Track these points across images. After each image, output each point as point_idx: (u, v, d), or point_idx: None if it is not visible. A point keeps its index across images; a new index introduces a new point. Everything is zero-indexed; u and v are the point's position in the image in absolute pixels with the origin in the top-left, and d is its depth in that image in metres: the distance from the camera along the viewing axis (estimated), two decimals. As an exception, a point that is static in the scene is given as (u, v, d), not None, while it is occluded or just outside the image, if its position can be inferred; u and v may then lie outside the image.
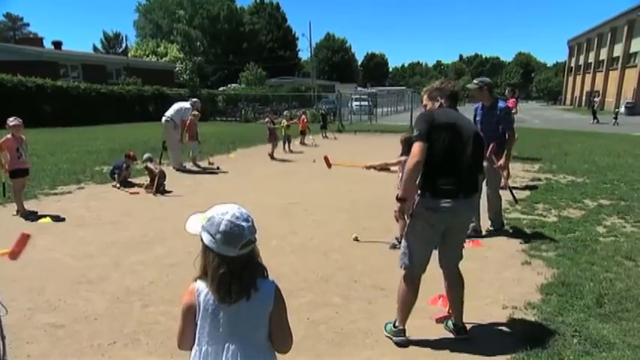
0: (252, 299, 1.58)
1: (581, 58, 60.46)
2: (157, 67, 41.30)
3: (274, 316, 1.65)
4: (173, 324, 3.24)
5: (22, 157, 6.51)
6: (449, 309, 3.48)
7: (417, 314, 3.67)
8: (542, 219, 6.46)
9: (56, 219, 6.41)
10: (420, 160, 2.92)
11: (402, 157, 4.89)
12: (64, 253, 5.04)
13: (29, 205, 6.87)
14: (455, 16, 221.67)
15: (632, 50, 43.58)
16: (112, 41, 62.76)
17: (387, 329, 3.35)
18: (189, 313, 1.62)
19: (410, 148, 3.07)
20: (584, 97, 54.76)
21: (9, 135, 6.34)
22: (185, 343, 1.67)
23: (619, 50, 46.16)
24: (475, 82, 5.89)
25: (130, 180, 8.85)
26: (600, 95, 37.89)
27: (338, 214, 6.82)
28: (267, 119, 14.46)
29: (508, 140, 5.81)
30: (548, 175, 9.86)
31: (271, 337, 1.68)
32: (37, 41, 39.22)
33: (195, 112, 11.22)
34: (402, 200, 3.03)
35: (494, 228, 5.94)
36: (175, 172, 10.29)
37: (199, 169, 10.95)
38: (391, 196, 3.42)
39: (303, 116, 17.90)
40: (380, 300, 3.93)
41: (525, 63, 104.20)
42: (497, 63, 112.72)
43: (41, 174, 9.37)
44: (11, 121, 6.36)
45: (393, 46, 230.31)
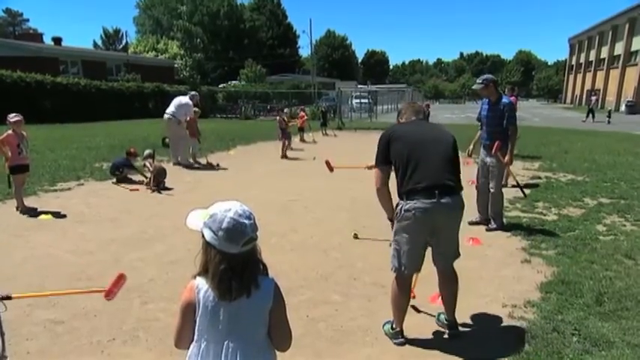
0: (253, 296, 1.57)
1: (582, 56, 60.35)
2: (157, 63, 41.20)
3: (274, 314, 1.65)
4: (172, 321, 3.22)
5: (22, 153, 6.51)
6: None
7: (417, 310, 3.69)
8: (542, 217, 6.46)
9: (56, 215, 6.40)
10: (380, 187, 3.22)
11: None
12: (63, 249, 5.04)
13: (29, 202, 6.86)
14: (455, 14, 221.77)
15: (633, 49, 43.50)
16: (112, 37, 62.72)
17: (385, 329, 3.36)
18: (188, 310, 1.61)
19: None
20: (584, 96, 54.65)
21: (10, 131, 6.34)
22: (183, 341, 1.66)
23: (620, 49, 46.08)
24: (479, 81, 5.90)
25: (130, 177, 8.83)
26: (597, 94, 37.81)
27: (338, 211, 6.82)
28: (279, 118, 13.88)
29: (510, 136, 5.84)
30: (548, 174, 9.85)
31: (271, 334, 1.68)
32: (37, 37, 39.21)
33: (196, 109, 11.22)
34: (391, 220, 3.31)
35: (494, 226, 5.94)
36: (175, 169, 10.29)
37: (199, 165, 10.95)
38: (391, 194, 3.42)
39: (302, 113, 17.83)
40: (380, 297, 3.92)
41: (526, 61, 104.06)
42: (497, 61, 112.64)
43: (41, 170, 9.36)
44: (12, 117, 6.35)
45: (393, 44, 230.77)
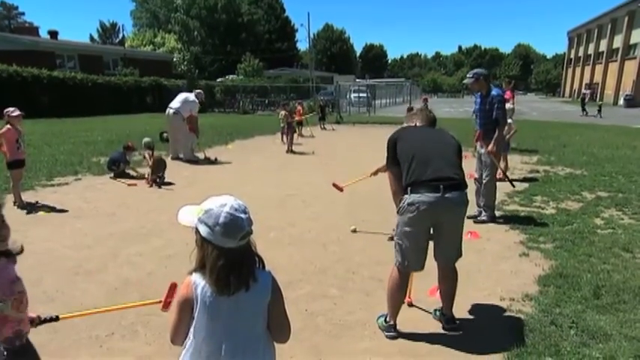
0: (251, 290, 1.57)
1: (581, 49, 60.29)
2: (154, 57, 41.06)
3: (272, 307, 1.65)
4: (171, 315, 3.24)
5: (20, 148, 6.49)
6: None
7: (416, 305, 3.71)
8: (541, 211, 6.47)
9: (54, 210, 6.39)
10: (395, 189, 3.28)
11: None
12: (61, 244, 5.03)
13: (26, 197, 6.84)
14: (454, 7, 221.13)
15: (632, 42, 43.48)
16: (108, 31, 62.36)
17: (378, 322, 3.37)
18: (186, 306, 1.60)
19: None
20: (582, 90, 54.73)
21: (8, 126, 6.30)
22: (180, 337, 1.66)
23: (619, 42, 46.05)
24: (469, 75, 6.10)
25: (128, 172, 8.81)
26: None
27: (336, 205, 6.82)
28: (284, 112, 13.59)
29: (498, 127, 5.87)
30: (546, 167, 9.87)
31: (270, 327, 1.68)
32: (33, 31, 38.92)
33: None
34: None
35: (484, 218, 5.97)
36: (173, 163, 10.26)
37: (195, 159, 10.91)
38: (389, 188, 3.43)
39: (299, 107, 17.71)
40: (378, 292, 3.92)
41: (524, 55, 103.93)
42: (496, 55, 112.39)
43: (38, 165, 9.34)
44: (13, 112, 6.31)
45: (391, 38, 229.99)
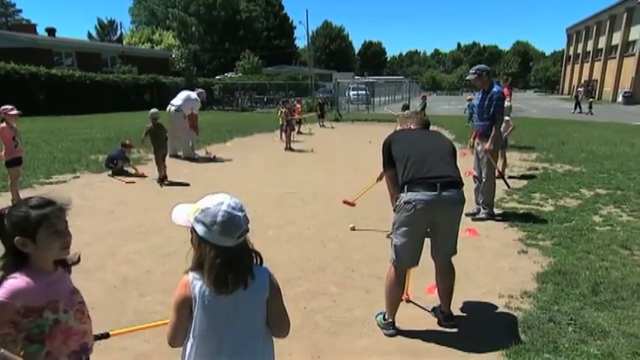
0: (249, 288, 1.57)
1: (580, 46, 60.27)
2: (152, 54, 40.92)
3: (271, 303, 1.66)
4: (170, 313, 3.24)
5: (17, 146, 6.47)
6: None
7: (414, 302, 3.71)
8: (539, 208, 6.48)
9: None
10: (392, 192, 3.29)
11: None
12: (59, 242, 5.02)
13: (24, 194, 6.82)
14: (453, 4, 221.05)
15: (631, 38, 43.47)
16: (106, 28, 62.03)
17: (377, 320, 3.38)
18: (184, 306, 1.59)
19: None
20: (577, 87, 54.76)
21: (4, 124, 6.28)
22: (179, 338, 1.64)
23: (618, 38, 46.04)
24: (472, 71, 6.02)
25: (126, 169, 8.80)
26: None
27: (335, 203, 6.81)
28: (285, 109, 13.56)
29: (495, 123, 5.86)
30: (545, 165, 9.88)
31: (269, 323, 1.69)
32: (31, 28, 38.70)
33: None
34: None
35: (482, 216, 5.98)
36: (172, 161, 10.24)
37: (194, 157, 10.90)
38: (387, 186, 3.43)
39: (297, 105, 17.67)
40: (377, 289, 3.93)
41: (523, 52, 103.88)
42: (495, 52, 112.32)
43: (36, 163, 9.33)
44: (10, 110, 6.28)
45: (390, 35, 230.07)
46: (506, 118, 8.17)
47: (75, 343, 1.67)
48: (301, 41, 79.88)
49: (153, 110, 8.75)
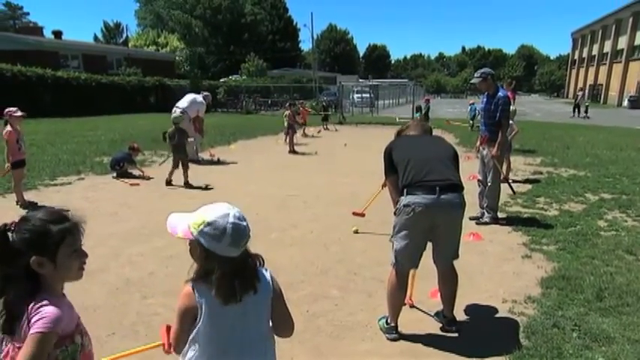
0: (258, 291, 1.58)
1: (585, 50, 60.10)
2: (157, 57, 41.10)
3: (276, 302, 1.67)
4: (172, 315, 3.22)
5: (21, 149, 6.51)
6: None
7: (417, 307, 3.69)
8: (544, 212, 6.45)
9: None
10: (394, 198, 3.29)
11: None
12: (63, 244, 5.03)
13: (29, 196, 6.86)
14: (458, 8, 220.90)
15: (637, 43, 43.33)
16: (112, 31, 62.34)
17: (380, 324, 3.36)
18: (188, 316, 1.58)
19: None
20: (586, 91, 54.55)
21: (9, 127, 6.31)
22: (183, 345, 1.63)
23: (623, 43, 45.88)
24: (477, 75, 5.98)
25: (131, 171, 8.82)
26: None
27: (338, 206, 6.81)
28: (289, 112, 13.54)
29: (502, 128, 5.82)
30: (549, 169, 9.83)
31: (273, 323, 1.70)
32: (37, 30, 38.99)
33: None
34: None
35: (486, 220, 5.95)
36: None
37: (198, 159, 10.92)
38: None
39: (303, 110, 17.61)
40: (379, 292, 3.91)
41: (528, 55, 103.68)
42: (500, 55, 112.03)
43: (41, 164, 9.36)
44: (14, 112, 6.32)
45: (395, 38, 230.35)
46: (510, 121, 8.14)
47: None
48: (306, 44, 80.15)
49: (175, 114, 8.78)
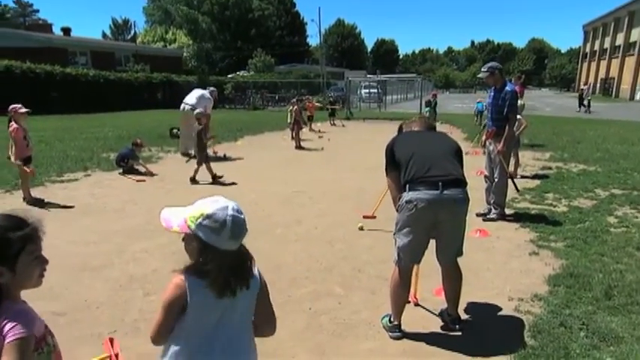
0: (249, 286, 1.58)
1: (597, 43, 59.22)
2: (165, 53, 41.21)
3: (262, 298, 1.67)
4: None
5: (29, 145, 6.54)
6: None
7: (421, 305, 3.64)
8: (552, 209, 6.35)
9: (62, 206, 6.42)
10: (395, 195, 3.24)
11: None
12: (67, 240, 5.04)
13: (36, 193, 6.89)
14: (467, 1, 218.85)
15: (649, 35, 42.63)
16: (120, 28, 62.74)
17: (383, 322, 3.31)
18: (175, 307, 1.54)
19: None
20: (598, 85, 53.78)
21: (14, 124, 6.33)
22: (164, 337, 1.60)
23: (636, 35, 45.15)
24: (484, 69, 5.89)
25: (137, 168, 8.84)
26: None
27: (343, 202, 6.77)
28: (296, 107, 13.54)
29: (508, 123, 5.72)
30: (559, 164, 9.70)
31: (257, 321, 1.70)
32: (47, 27, 39.30)
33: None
34: None
35: (493, 217, 5.88)
36: (175, 161, 10.29)
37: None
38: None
39: (309, 104, 17.51)
40: (383, 290, 3.85)
41: (539, 49, 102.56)
42: (509, 49, 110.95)
43: (49, 161, 9.41)
44: (19, 109, 6.34)
45: (403, 33, 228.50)
46: (518, 116, 8.02)
47: None
48: (313, 39, 79.68)
49: (199, 110, 8.78)
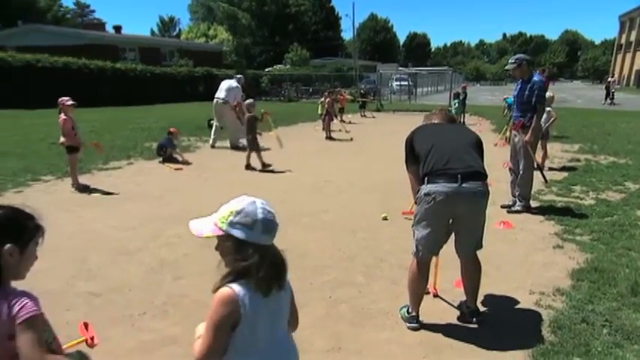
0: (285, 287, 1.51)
1: (633, 34, 55.93)
2: (206, 48, 41.61)
3: (291, 294, 1.59)
4: (201, 297, 3.23)
5: (77, 135, 6.71)
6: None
7: (441, 296, 3.51)
8: (579, 201, 6.03)
9: (106, 193, 6.57)
10: (415, 186, 3.08)
11: None
12: (109, 224, 5.14)
13: (83, 180, 7.07)
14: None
15: (688, 26, 39.91)
16: (167, 25, 63.80)
17: (401, 313, 3.20)
18: (229, 324, 1.38)
19: None
20: (632, 77, 50.93)
21: (63, 115, 6.50)
22: (216, 357, 1.40)
23: (673, 26, 42.41)
24: (512, 60, 5.62)
25: (175, 156, 8.95)
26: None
27: (370, 193, 6.64)
28: (329, 100, 13.32)
29: (536, 115, 5.43)
30: (588, 156, 9.22)
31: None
32: (100, 26, 40.44)
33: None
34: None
35: (517, 209, 5.61)
36: (212, 150, 10.40)
37: (238, 145, 10.93)
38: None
39: (340, 97, 17.28)
40: (404, 280, 3.68)
41: (572, 41, 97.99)
42: (541, 42, 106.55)
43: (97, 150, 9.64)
44: (67, 101, 6.50)
45: (435, 26, 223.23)
46: (548, 109, 7.64)
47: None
48: (347, 34, 78.42)
49: (249, 101, 8.79)
